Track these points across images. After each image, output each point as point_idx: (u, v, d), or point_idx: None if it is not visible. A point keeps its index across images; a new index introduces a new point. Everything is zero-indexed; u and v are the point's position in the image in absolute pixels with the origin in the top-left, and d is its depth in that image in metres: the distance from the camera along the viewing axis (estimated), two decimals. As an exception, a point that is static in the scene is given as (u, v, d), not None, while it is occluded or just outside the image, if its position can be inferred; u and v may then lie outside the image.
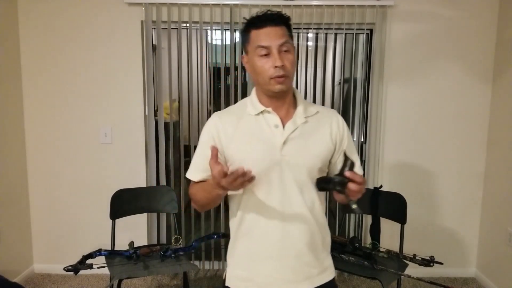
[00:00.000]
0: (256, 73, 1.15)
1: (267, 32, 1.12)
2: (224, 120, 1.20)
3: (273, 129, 1.16)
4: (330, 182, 1.06)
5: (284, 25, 1.15)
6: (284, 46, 1.12)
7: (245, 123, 1.18)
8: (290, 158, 1.14)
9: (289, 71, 1.13)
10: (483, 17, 2.63)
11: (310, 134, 1.18)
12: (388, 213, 2.36)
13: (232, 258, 1.24)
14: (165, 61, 2.66)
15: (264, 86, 1.16)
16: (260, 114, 1.18)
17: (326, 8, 2.59)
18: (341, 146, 1.23)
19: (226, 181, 0.96)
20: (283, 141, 1.14)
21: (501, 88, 2.61)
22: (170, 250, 2.14)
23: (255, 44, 1.13)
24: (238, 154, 1.15)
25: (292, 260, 1.16)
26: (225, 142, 1.17)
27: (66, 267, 1.94)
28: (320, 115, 1.23)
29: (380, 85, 2.68)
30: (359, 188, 1.02)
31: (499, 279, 2.58)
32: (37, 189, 2.78)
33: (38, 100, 2.71)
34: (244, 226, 1.19)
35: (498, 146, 2.63)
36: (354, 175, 1.01)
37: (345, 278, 2.78)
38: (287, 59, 1.12)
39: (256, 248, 1.17)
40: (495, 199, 2.65)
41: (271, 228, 1.15)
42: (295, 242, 1.16)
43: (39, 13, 2.63)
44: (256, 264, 1.18)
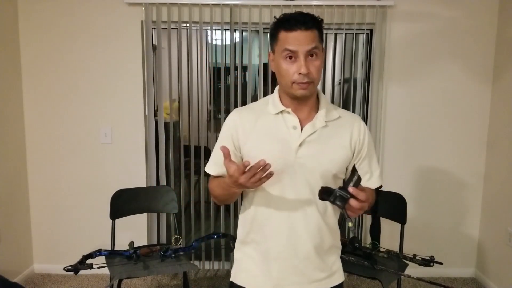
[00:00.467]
0: (280, 75, 1.13)
1: (296, 36, 1.07)
2: (243, 116, 1.20)
3: (290, 130, 1.15)
4: (331, 195, 1.01)
5: (315, 29, 1.10)
6: (312, 51, 1.08)
7: (263, 121, 1.17)
8: (304, 161, 1.12)
9: (314, 78, 1.10)
10: (483, 17, 2.63)
11: (328, 139, 1.16)
12: (388, 213, 2.36)
13: (242, 254, 1.24)
14: (165, 61, 2.66)
15: (286, 89, 1.14)
16: (279, 113, 1.17)
17: (326, 8, 2.59)
18: (360, 154, 1.20)
19: (245, 178, 0.97)
20: (299, 143, 1.13)
21: (501, 88, 2.61)
22: (170, 250, 2.14)
23: (282, 46, 1.09)
24: (253, 151, 1.14)
25: (300, 262, 1.16)
26: (242, 139, 1.17)
27: (66, 267, 1.93)
28: (342, 120, 1.20)
29: (380, 85, 2.68)
30: (360, 206, 0.98)
31: (499, 279, 2.58)
32: (37, 189, 2.78)
33: (38, 100, 2.71)
34: (256, 224, 1.18)
35: (498, 146, 2.63)
36: (358, 192, 0.97)
37: (345, 278, 2.77)
38: (314, 65, 1.09)
39: (266, 246, 1.17)
40: (495, 199, 2.65)
41: (282, 228, 1.15)
42: (304, 244, 1.15)
43: (39, 13, 2.63)
44: (265, 262, 1.17)
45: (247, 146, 1.16)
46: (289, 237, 1.15)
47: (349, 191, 0.98)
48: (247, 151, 1.16)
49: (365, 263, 2.09)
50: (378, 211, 2.39)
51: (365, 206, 1.00)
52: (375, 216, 2.39)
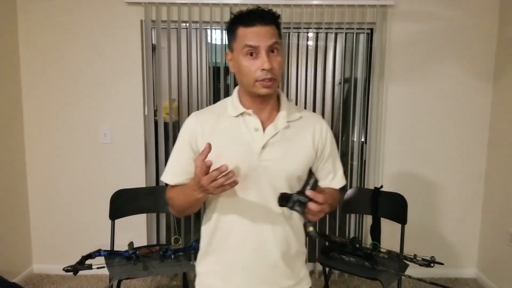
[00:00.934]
0: (241, 73, 1.08)
1: (256, 31, 1.04)
2: (201, 120, 1.14)
3: (252, 133, 1.10)
4: (289, 201, 0.98)
5: (274, 25, 1.08)
6: (273, 46, 1.06)
7: (223, 124, 1.12)
8: (268, 164, 1.08)
9: (277, 74, 1.07)
10: (483, 16, 2.62)
11: (291, 140, 1.13)
12: (389, 213, 2.36)
13: (204, 267, 1.18)
14: (165, 61, 2.66)
15: (248, 88, 1.09)
16: (240, 116, 1.12)
17: (326, 7, 2.58)
18: (323, 154, 1.18)
19: (207, 179, 0.93)
20: (262, 146, 1.09)
21: (502, 88, 2.60)
22: (170, 250, 2.13)
23: (242, 43, 1.05)
24: (213, 157, 1.06)
25: (267, 271, 1.12)
26: (202, 144, 1.10)
27: (66, 268, 1.93)
28: (303, 120, 1.17)
29: (381, 85, 2.67)
30: (320, 208, 0.96)
31: (500, 280, 2.57)
32: (36, 189, 2.78)
33: (37, 100, 2.70)
34: (219, 234, 1.13)
35: (499, 146, 2.62)
36: (316, 195, 0.95)
37: (346, 278, 2.77)
38: (276, 61, 1.06)
39: (231, 258, 1.12)
40: (496, 199, 2.64)
41: (247, 237, 1.11)
42: (271, 252, 1.11)
43: (38, 12, 2.62)
44: (231, 274, 1.13)
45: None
46: (255, 246, 1.10)
47: (307, 195, 0.96)
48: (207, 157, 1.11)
49: (366, 263, 2.08)
50: (379, 212, 2.38)
51: (325, 208, 0.98)
52: (375, 216, 2.38)
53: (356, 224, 2.87)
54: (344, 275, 2.77)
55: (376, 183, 2.69)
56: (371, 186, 2.65)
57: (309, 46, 2.90)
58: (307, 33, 2.78)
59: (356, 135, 2.83)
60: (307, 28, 2.62)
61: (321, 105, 2.95)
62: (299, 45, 2.84)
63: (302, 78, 2.82)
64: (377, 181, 2.71)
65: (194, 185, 0.99)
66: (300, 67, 2.82)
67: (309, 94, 2.84)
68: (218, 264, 1.14)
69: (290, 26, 2.60)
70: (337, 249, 2.19)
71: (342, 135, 3.16)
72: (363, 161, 2.79)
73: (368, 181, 2.74)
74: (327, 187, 1.23)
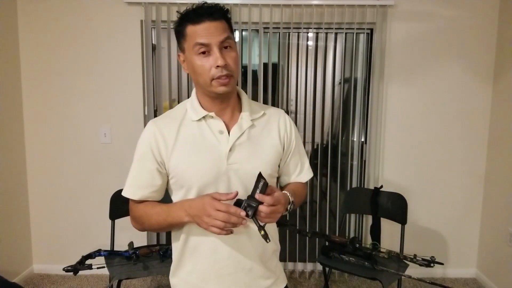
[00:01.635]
0: (196, 73, 1.03)
1: (205, 27, 0.99)
2: (162, 128, 1.08)
3: (217, 136, 1.06)
4: (240, 207, 0.95)
5: (223, 19, 1.02)
6: (226, 42, 1.00)
7: (186, 130, 1.07)
8: (238, 166, 1.05)
9: (233, 70, 1.02)
10: (483, 16, 2.62)
11: (258, 139, 1.10)
12: (389, 213, 2.36)
13: (178, 279, 1.13)
14: (165, 60, 2.65)
15: (205, 88, 1.04)
16: (202, 119, 1.07)
17: (326, 7, 2.58)
18: (289, 148, 1.17)
19: (222, 217, 0.91)
20: (229, 148, 1.05)
21: (502, 88, 2.60)
22: (170, 250, 2.13)
23: (193, 41, 1.00)
24: (180, 166, 1.04)
25: (245, 275, 1.09)
26: (165, 154, 1.06)
27: (66, 268, 1.93)
28: (267, 117, 1.15)
29: (381, 85, 2.67)
30: (271, 210, 0.94)
31: (500, 280, 2.57)
32: (37, 189, 2.78)
33: (37, 100, 2.70)
34: (191, 244, 1.09)
35: (499, 146, 2.62)
36: (263, 197, 0.94)
37: (345, 278, 2.77)
38: (230, 57, 1.01)
39: (206, 266, 1.08)
40: (496, 199, 2.64)
41: (221, 244, 1.07)
42: (247, 256, 1.09)
43: (38, 12, 2.62)
44: (207, 283, 1.09)
45: (173, 160, 1.05)
46: (231, 252, 1.07)
47: (256, 198, 0.95)
48: (173, 166, 1.05)
49: (366, 263, 2.08)
50: (379, 212, 2.38)
51: (279, 209, 0.97)
52: (375, 216, 2.38)
53: (356, 224, 2.87)
54: (344, 275, 2.77)
55: (376, 183, 2.69)
56: (371, 186, 2.65)
57: (309, 46, 2.90)
58: (307, 33, 2.78)
59: (356, 135, 2.83)
60: (307, 28, 2.62)
61: (321, 105, 2.94)
62: (299, 45, 2.84)
63: (302, 78, 2.82)
64: (377, 181, 2.71)
65: (189, 205, 0.97)
66: (300, 67, 2.81)
67: (309, 94, 2.84)
68: (193, 274, 1.10)
69: (290, 26, 2.60)
70: (337, 249, 2.19)
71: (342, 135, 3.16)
72: (363, 161, 2.79)
73: (368, 181, 2.74)
74: (293, 182, 1.21)
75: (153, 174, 1.08)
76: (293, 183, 1.21)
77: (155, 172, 1.08)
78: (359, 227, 2.86)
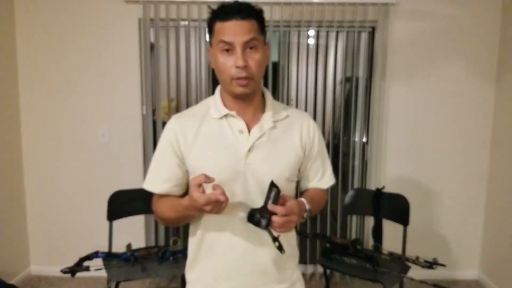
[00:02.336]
0: (218, 70, 1.04)
1: (232, 25, 0.99)
2: (183, 124, 1.09)
3: (237, 135, 1.06)
4: (254, 217, 0.95)
5: (254, 19, 1.01)
6: (251, 43, 1.00)
7: (206, 127, 1.08)
8: (255, 167, 1.04)
9: (253, 73, 1.01)
10: (486, 15, 2.60)
11: (278, 141, 1.09)
12: (391, 214, 2.34)
13: (193, 275, 1.14)
14: (163, 59, 2.63)
15: (226, 86, 1.06)
16: (223, 117, 1.08)
17: (327, 5, 2.56)
18: (311, 153, 1.15)
19: (206, 204, 0.92)
20: (248, 148, 1.05)
21: (505, 87, 2.57)
22: (168, 252, 2.13)
23: (218, 38, 1.01)
24: (198, 162, 1.05)
25: (257, 277, 1.09)
26: (185, 149, 1.07)
27: (63, 269, 1.93)
28: (290, 119, 1.14)
29: (382, 84, 2.65)
30: (284, 220, 0.94)
31: (503, 282, 2.55)
32: (34, 190, 2.76)
33: (34, 100, 2.68)
34: (206, 241, 1.10)
35: (502, 147, 2.60)
36: (275, 208, 0.94)
37: (347, 280, 2.75)
38: (252, 59, 1.01)
39: (219, 265, 1.09)
40: (499, 201, 2.62)
41: (235, 243, 1.07)
42: (261, 259, 1.08)
43: (36, 11, 2.60)
44: (219, 282, 1.09)
45: (191, 156, 1.07)
46: (244, 252, 1.07)
47: (269, 209, 0.94)
48: (192, 162, 1.07)
49: (367, 265, 2.07)
50: (380, 213, 2.36)
51: (292, 218, 0.97)
52: (377, 217, 2.37)
53: (358, 225, 2.85)
54: (345, 277, 2.76)
55: (377, 184, 2.66)
56: (372, 187, 2.63)
57: (310, 44, 2.88)
58: (307, 31, 2.75)
59: (358, 135, 2.81)
60: (308, 26, 2.60)
61: (322, 104, 2.92)
62: (300, 44, 2.81)
63: (303, 77, 2.79)
64: (378, 182, 2.69)
65: (190, 206, 0.96)
66: (301, 66, 2.79)
67: (310, 93, 2.82)
68: (206, 272, 1.11)
69: (290, 25, 2.58)
70: (338, 251, 2.18)
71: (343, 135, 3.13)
72: (364, 162, 2.77)
73: (370, 182, 2.72)
74: (313, 188, 1.20)
75: (173, 168, 1.09)
76: (313, 189, 1.20)
77: (175, 167, 1.09)
78: (360, 228, 2.84)
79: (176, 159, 1.08)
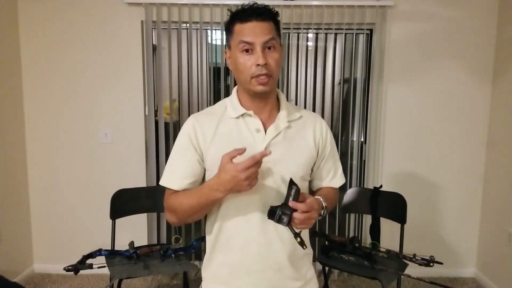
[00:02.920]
0: (238, 70, 1.07)
1: (251, 26, 1.03)
2: (202, 123, 1.11)
3: (254, 134, 1.09)
4: (275, 215, 0.98)
5: (271, 21, 1.07)
6: (270, 43, 1.04)
7: (224, 126, 1.11)
8: (271, 165, 1.07)
9: (273, 71, 1.05)
10: (482, 17, 2.63)
11: (293, 140, 1.12)
12: (388, 213, 2.36)
13: (209, 271, 1.16)
14: (165, 61, 2.66)
15: (245, 85, 1.08)
16: (240, 117, 1.11)
17: (326, 8, 2.59)
18: (323, 153, 1.18)
19: (245, 173, 0.93)
20: (265, 147, 1.07)
21: (501, 88, 2.61)
22: (170, 250, 2.14)
23: (238, 39, 1.04)
24: (216, 160, 1.05)
25: (273, 273, 1.10)
26: (204, 147, 1.09)
27: (66, 267, 1.93)
28: (303, 119, 1.17)
29: (380, 85, 2.68)
30: (305, 216, 0.97)
31: (499, 279, 2.58)
32: (38, 188, 2.78)
33: (38, 100, 2.71)
34: (223, 237, 1.11)
35: (498, 146, 2.63)
36: (296, 205, 0.96)
37: (345, 278, 2.78)
38: (272, 57, 1.05)
39: (236, 260, 1.10)
40: (495, 199, 2.65)
41: (252, 239, 1.08)
42: (276, 255, 1.09)
43: (39, 13, 2.63)
44: (235, 278, 1.11)
45: (209, 154, 1.09)
46: (260, 248, 1.08)
47: (290, 206, 0.97)
48: (209, 160, 1.09)
49: (365, 263, 2.08)
50: (378, 211, 2.39)
51: (313, 215, 0.99)
52: (375, 216, 2.39)
53: (356, 223, 2.87)
54: (344, 274, 2.78)
55: (375, 183, 2.70)
56: (370, 185, 2.66)
57: (309, 46, 2.91)
58: (306, 33, 2.78)
59: (356, 135, 2.84)
60: (306, 28, 2.63)
61: (320, 105, 2.95)
62: (299, 46, 2.85)
63: (302, 79, 2.82)
64: (376, 181, 2.72)
65: (216, 186, 0.98)
66: (300, 68, 2.82)
67: (309, 94, 2.85)
68: (222, 268, 1.12)
69: (290, 27, 2.61)
70: (337, 249, 2.19)
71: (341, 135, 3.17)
72: (362, 161, 2.79)
73: (368, 181, 2.75)
74: (325, 187, 1.23)
75: (193, 164, 1.10)
76: (325, 188, 1.22)
77: (196, 163, 1.10)
78: (358, 226, 2.86)
79: (196, 155, 1.10)
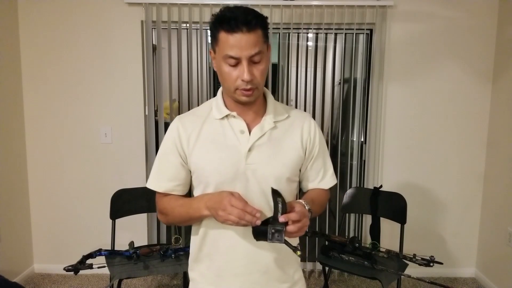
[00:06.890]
0: (222, 77, 1.04)
1: (238, 39, 0.96)
2: (186, 124, 1.10)
3: (238, 135, 1.07)
4: (267, 234, 0.92)
5: (260, 28, 0.99)
6: (256, 57, 0.99)
7: (208, 128, 1.09)
8: (256, 167, 1.05)
9: (258, 83, 1.02)
10: (482, 17, 2.63)
11: (279, 141, 1.09)
12: (388, 213, 2.37)
13: (196, 273, 1.15)
14: (165, 61, 2.66)
15: (229, 93, 1.06)
16: (225, 118, 1.09)
17: (326, 8, 2.59)
18: (312, 153, 1.15)
19: (237, 212, 0.92)
20: (249, 148, 1.05)
21: (501, 88, 2.61)
22: (170, 250, 2.14)
23: (223, 51, 0.98)
24: (200, 162, 1.07)
25: (260, 276, 1.09)
26: (188, 150, 1.08)
27: (66, 267, 1.93)
28: (291, 119, 1.14)
29: (380, 85, 2.68)
30: (299, 226, 0.94)
31: (499, 279, 2.58)
32: (37, 189, 2.78)
33: (38, 100, 2.71)
34: (209, 240, 1.11)
35: (498, 146, 2.63)
36: (288, 216, 0.93)
37: (345, 278, 2.78)
38: (258, 70, 1.01)
39: (222, 264, 1.09)
40: (495, 199, 2.65)
41: (237, 243, 1.07)
42: (263, 258, 1.08)
43: (39, 13, 2.63)
44: (222, 281, 1.10)
45: (194, 156, 1.08)
46: (246, 251, 1.07)
47: (281, 221, 0.92)
48: (194, 162, 1.08)
49: (365, 263, 2.09)
50: (378, 211, 2.39)
51: (305, 222, 0.96)
52: (375, 216, 2.39)
53: (356, 223, 2.87)
54: (344, 274, 2.78)
55: (375, 183, 2.70)
56: (370, 185, 2.66)
57: (309, 46, 2.91)
58: (307, 33, 2.79)
59: (356, 135, 2.84)
60: (307, 28, 2.63)
61: (320, 105, 2.96)
62: (299, 46, 2.85)
63: (302, 79, 2.83)
64: (376, 181, 2.72)
65: (208, 198, 1.00)
66: (300, 68, 2.82)
67: (309, 94, 2.85)
68: (210, 270, 1.12)
69: (290, 27, 2.61)
70: (337, 249, 2.20)
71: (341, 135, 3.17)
72: (362, 161, 2.79)
73: (368, 181, 2.75)
74: (315, 188, 1.20)
75: (176, 167, 1.11)
76: (314, 190, 1.20)
77: (179, 166, 1.10)
78: (358, 226, 2.87)
79: (179, 159, 1.10)
